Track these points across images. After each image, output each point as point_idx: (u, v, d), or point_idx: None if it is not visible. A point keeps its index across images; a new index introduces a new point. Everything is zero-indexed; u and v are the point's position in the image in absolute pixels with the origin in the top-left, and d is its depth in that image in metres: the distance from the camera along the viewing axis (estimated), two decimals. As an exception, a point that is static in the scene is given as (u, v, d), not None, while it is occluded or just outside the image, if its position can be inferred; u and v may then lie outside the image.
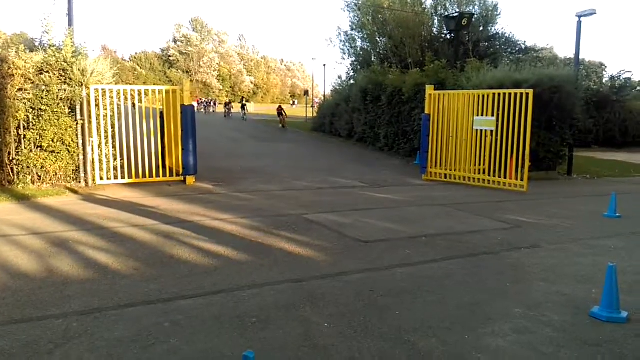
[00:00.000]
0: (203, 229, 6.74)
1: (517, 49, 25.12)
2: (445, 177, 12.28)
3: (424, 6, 23.57)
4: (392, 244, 6.21)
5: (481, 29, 23.10)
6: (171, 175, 11.03)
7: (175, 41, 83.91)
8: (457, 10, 21.31)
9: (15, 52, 9.47)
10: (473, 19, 19.48)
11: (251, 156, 16.79)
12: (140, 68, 77.86)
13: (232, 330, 3.64)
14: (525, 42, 25.86)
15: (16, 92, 9.31)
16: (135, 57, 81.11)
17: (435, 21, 23.80)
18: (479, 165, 11.71)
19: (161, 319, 3.79)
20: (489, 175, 11.47)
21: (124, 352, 3.28)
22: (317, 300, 4.27)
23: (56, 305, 4.03)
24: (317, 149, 18.39)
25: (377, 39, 24.88)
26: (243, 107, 38.49)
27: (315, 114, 32.94)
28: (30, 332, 3.53)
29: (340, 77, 33.18)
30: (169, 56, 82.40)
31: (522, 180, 10.83)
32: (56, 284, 4.52)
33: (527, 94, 10.47)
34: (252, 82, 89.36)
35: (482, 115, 11.37)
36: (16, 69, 9.27)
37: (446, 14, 21.45)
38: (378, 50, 25.07)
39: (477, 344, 3.54)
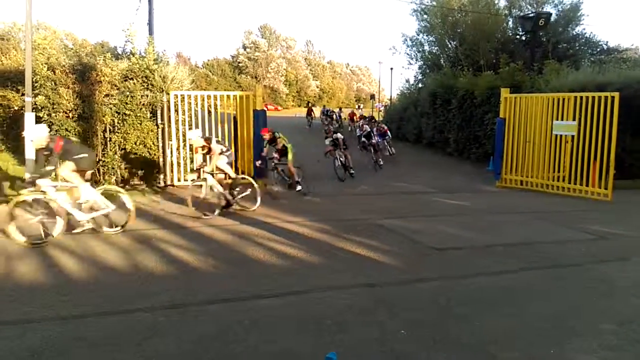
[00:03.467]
0: (276, 230, 6.88)
1: (598, 49, 23.69)
2: (521, 184, 11.77)
3: (497, 6, 22.80)
4: (467, 252, 6.04)
5: (560, 29, 22.01)
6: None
7: (244, 47, 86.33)
8: (534, 10, 20.44)
9: (103, 60, 10.13)
10: (551, 20, 18.59)
11: (319, 161, 16.88)
12: (212, 74, 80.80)
13: (309, 331, 3.68)
14: (607, 42, 24.32)
15: (103, 97, 9.95)
16: (207, 64, 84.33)
17: (510, 22, 22.97)
18: (558, 172, 11.14)
19: (240, 317, 3.89)
20: (569, 182, 10.87)
21: (207, 347, 3.40)
22: (391, 305, 4.22)
23: (143, 299, 4.24)
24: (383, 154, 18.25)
25: (447, 41, 24.34)
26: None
27: (381, 118, 32.67)
28: (122, 324, 3.75)
29: (407, 81, 32.53)
30: (239, 62, 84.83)
31: (606, 188, 10.17)
32: (142, 278, 4.77)
33: (613, 97, 9.84)
34: (317, 87, 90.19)
35: (561, 119, 10.82)
36: (103, 76, 9.92)
37: (521, 14, 20.63)
38: (448, 53, 24.51)
39: (563, 359, 3.36)
